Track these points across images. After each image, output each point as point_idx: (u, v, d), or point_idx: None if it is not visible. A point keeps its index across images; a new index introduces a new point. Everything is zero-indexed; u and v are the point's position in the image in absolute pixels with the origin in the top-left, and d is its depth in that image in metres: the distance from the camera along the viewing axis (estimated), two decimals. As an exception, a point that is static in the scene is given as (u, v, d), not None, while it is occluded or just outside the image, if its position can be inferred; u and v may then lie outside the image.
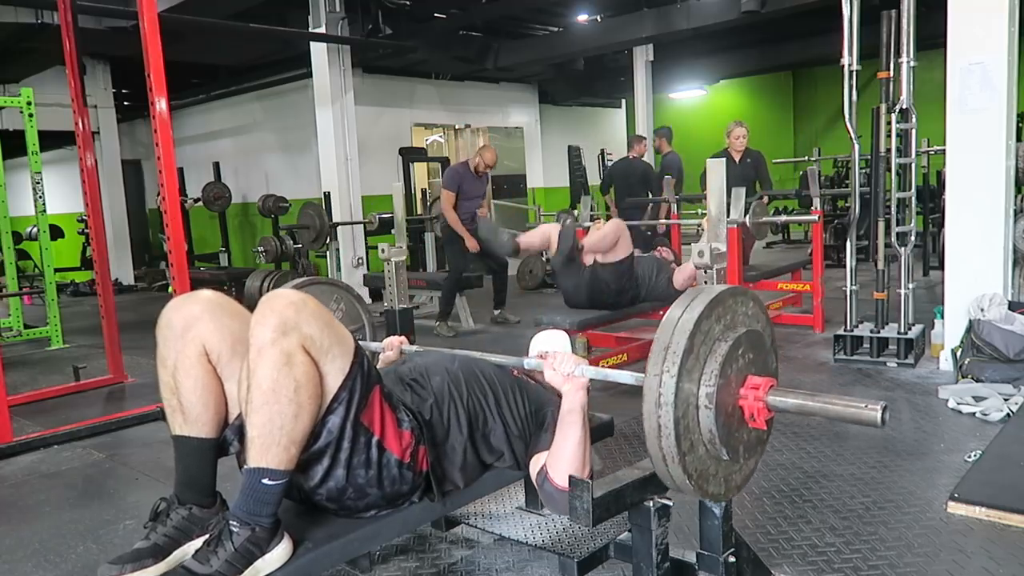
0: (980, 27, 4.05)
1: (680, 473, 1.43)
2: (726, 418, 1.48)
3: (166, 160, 3.90)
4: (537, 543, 1.99)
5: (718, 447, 1.48)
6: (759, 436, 1.60)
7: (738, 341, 1.49)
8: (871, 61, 4.51)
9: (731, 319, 1.52)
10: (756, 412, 1.51)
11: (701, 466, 1.48)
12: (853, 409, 1.42)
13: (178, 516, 1.58)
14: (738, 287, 1.58)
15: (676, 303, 1.48)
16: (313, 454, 1.55)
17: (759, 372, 1.55)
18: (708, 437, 1.46)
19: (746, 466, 1.62)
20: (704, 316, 1.44)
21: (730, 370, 1.48)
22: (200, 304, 1.62)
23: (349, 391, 1.55)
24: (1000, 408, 3.49)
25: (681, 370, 1.39)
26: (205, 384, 1.59)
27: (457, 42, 9.79)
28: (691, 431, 1.44)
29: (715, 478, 1.53)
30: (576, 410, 1.72)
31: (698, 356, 1.43)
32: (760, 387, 1.51)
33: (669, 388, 1.39)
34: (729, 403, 1.49)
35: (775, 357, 1.65)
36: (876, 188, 4.55)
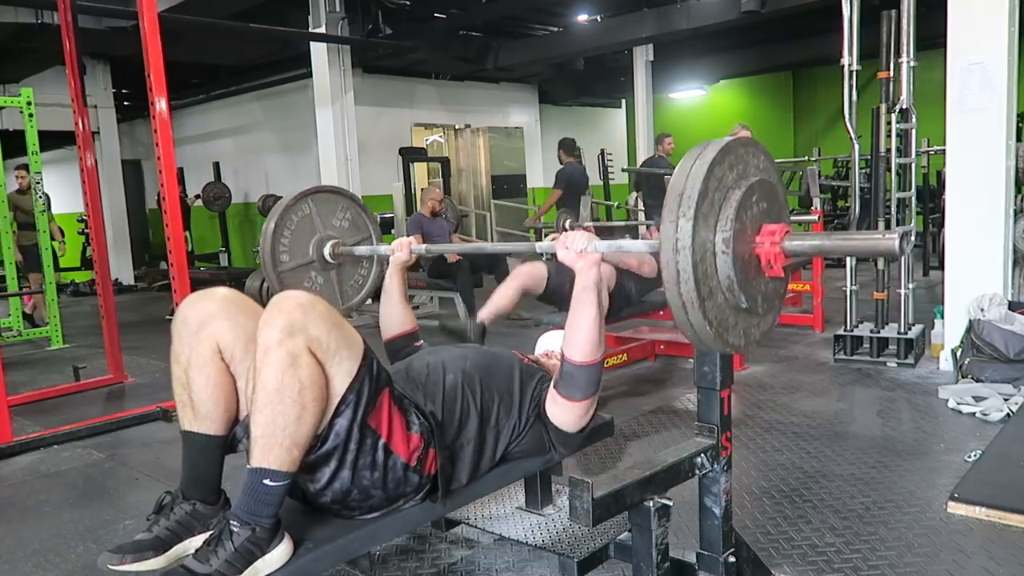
0: (980, 27, 4.05)
1: (700, 319, 1.40)
2: (743, 264, 1.45)
3: (166, 160, 3.90)
4: (537, 543, 1.99)
5: (737, 294, 1.45)
6: (776, 287, 1.58)
7: (751, 188, 1.47)
8: (871, 61, 4.52)
9: (743, 168, 1.50)
10: (773, 258, 1.49)
11: (720, 315, 1.45)
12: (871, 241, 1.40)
13: (182, 511, 1.58)
14: (750, 139, 1.55)
15: (687, 155, 1.46)
16: (320, 456, 1.55)
17: (773, 221, 1.53)
18: (727, 283, 1.44)
19: (764, 320, 1.59)
20: (717, 162, 1.41)
21: (745, 216, 1.45)
22: (216, 302, 1.62)
23: (356, 394, 1.55)
24: (1000, 408, 3.49)
25: (697, 214, 1.37)
26: (217, 382, 1.59)
27: (457, 42, 9.79)
28: (709, 277, 1.42)
29: (735, 328, 1.50)
30: (590, 287, 1.73)
31: (712, 202, 1.41)
32: (776, 232, 1.49)
33: (686, 232, 1.36)
34: (746, 250, 1.46)
35: (787, 210, 1.63)
36: (876, 188, 4.55)
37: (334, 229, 2.50)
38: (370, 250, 2.48)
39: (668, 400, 4.07)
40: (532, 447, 1.92)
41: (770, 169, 1.58)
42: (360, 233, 2.57)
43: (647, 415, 3.83)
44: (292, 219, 2.40)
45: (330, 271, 2.50)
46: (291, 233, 2.40)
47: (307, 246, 2.44)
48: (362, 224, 2.59)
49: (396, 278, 2.28)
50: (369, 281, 2.62)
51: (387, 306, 2.28)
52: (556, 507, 2.17)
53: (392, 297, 2.27)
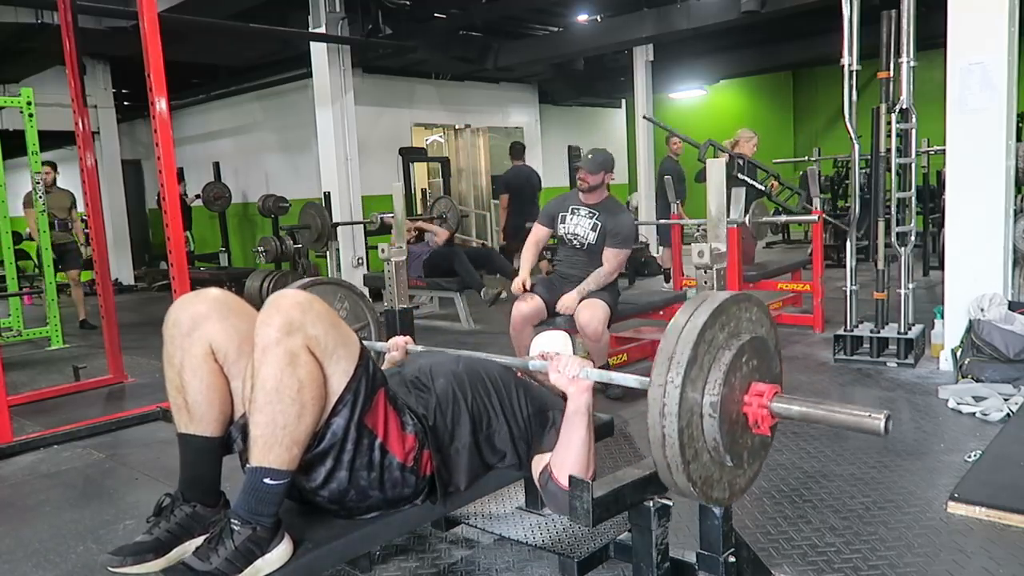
0: (980, 27, 4.05)
1: (684, 481, 1.44)
2: (730, 425, 1.48)
3: (166, 160, 3.89)
4: (537, 543, 1.99)
5: (722, 454, 1.48)
6: (763, 441, 1.61)
7: (742, 349, 1.49)
8: (871, 61, 4.52)
9: (735, 326, 1.52)
10: (760, 419, 1.51)
11: (705, 472, 1.48)
12: (856, 417, 1.43)
13: (181, 513, 1.58)
14: (741, 293, 1.58)
15: (680, 311, 1.48)
16: (316, 455, 1.55)
17: (763, 378, 1.55)
18: (712, 445, 1.47)
19: (750, 470, 1.62)
20: (708, 325, 1.44)
21: (734, 378, 1.48)
22: (207, 303, 1.62)
23: (354, 393, 1.55)
24: (1000, 408, 3.49)
25: (685, 380, 1.40)
26: (211, 383, 1.59)
27: (457, 42, 9.79)
28: (695, 439, 1.44)
29: (719, 483, 1.53)
30: (581, 411, 1.72)
31: (702, 365, 1.44)
32: (764, 394, 1.51)
33: (673, 398, 1.39)
34: (733, 411, 1.49)
35: (779, 361, 1.65)
36: (876, 188, 4.55)
37: None
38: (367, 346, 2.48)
39: (668, 400, 4.06)
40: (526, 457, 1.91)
41: (763, 321, 1.60)
42: (358, 321, 2.58)
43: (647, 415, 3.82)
44: None
45: None
46: None
47: None
48: (360, 313, 2.60)
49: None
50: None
51: None
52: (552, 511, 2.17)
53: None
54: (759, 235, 5.88)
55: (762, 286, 5.88)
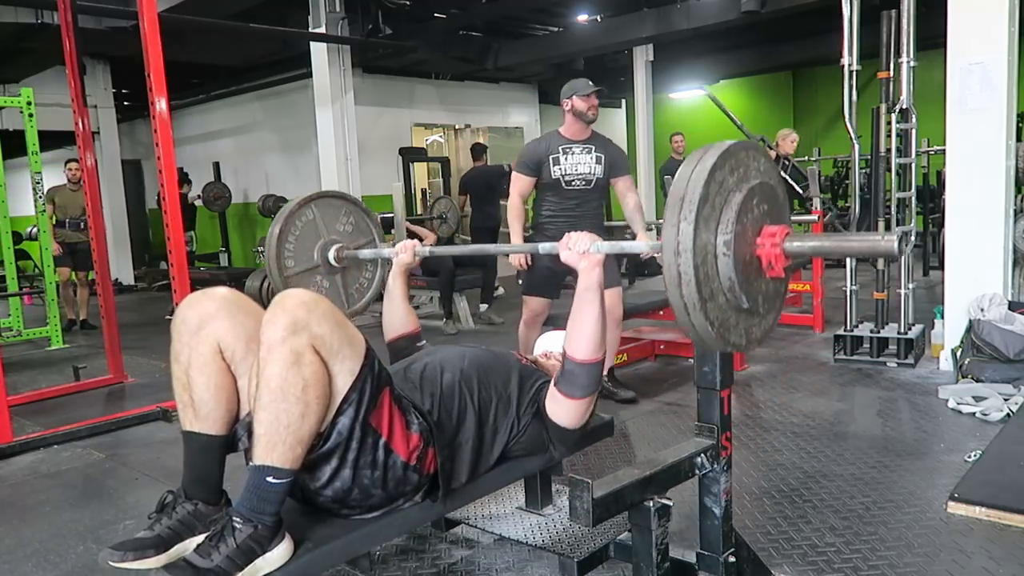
0: (980, 27, 4.05)
1: (702, 320, 1.41)
2: (744, 266, 1.47)
3: (166, 160, 3.90)
4: (537, 543, 1.99)
5: (738, 295, 1.46)
6: (777, 287, 1.60)
7: (752, 191, 1.49)
8: (871, 61, 4.52)
9: (744, 172, 1.51)
10: (774, 259, 1.51)
11: (722, 315, 1.47)
12: (868, 243, 1.42)
13: (183, 510, 1.58)
14: (749, 141, 1.57)
15: (687, 159, 1.48)
16: (322, 455, 1.55)
17: (774, 222, 1.55)
18: (728, 285, 1.45)
19: (765, 319, 1.60)
20: (718, 167, 1.43)
21: (746, 219, 1.47)
22: (215, 301, 1.62)
23: (359, 392, 1.55)
24: (1000, 408, 3.49)
25: (698, 218, 1.38)
26: (218, 382, 1.59)
27: (457, 42, 9.79)
28: (711, 278, 1.43)
29: (736, 328, 1.51)
30: (593, 287, 1.75)
31: (713, 205, 1.43)
32: (776, 234, 1.51)
33: (687, 235, 1.38)
34: (747, 251, 1.48)
35: (788, 212, 1.64)
36: (876, 188, 4.55)
37: (338, 233, 2.51)
38: (374, 253, 2.50)
39: (668, 400, 4.07)
40: (531, 445, 1.92)
41: (771, 171, 1.59)
42: (363, 237, 2.58)
43: (647, 415, 3.83)
44: (296, 224, 2.41)
45: (335, 275, 2.51)
46: (295, 238, 2.41)
47: (312, 251, 2.45)
48: (365, 228, 2.60)
49: (399, 280, 2.29)
50: (373, 284, 2.64)
51: (390, 307, 2.29)
52: (556, 507, 2.17)
53: (395, 299, 2.29)
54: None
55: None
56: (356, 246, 2.53)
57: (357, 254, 2.48)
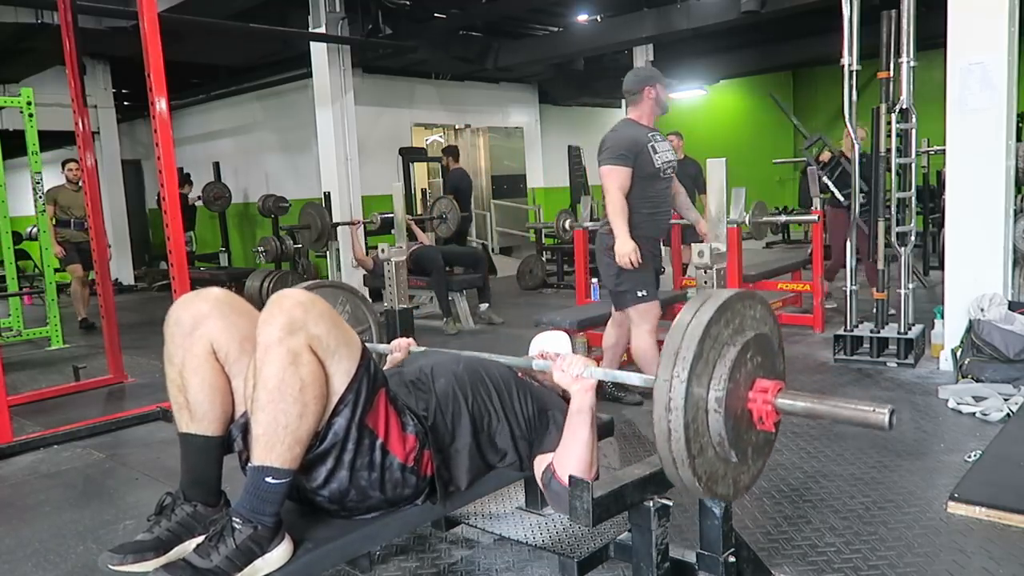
0: (980, 27, 4.05)
1: (690, 476, 1.44)
2: (735, 421, 1.49)
3: (166, 160, 3.89)
4: (537, 543, 1.99)
5: (727, 450, 1.49)
6: (767, 438, 1.61)
7: (746, 345, 1.50)
8: (871, 61, 4.51)
9: (739, 323, 1.53)
10: (765, 415, 1.52)
11: (711, 468, 1.49)
12: (861, 413, 1.43)
13: (183, 512, 1.58)
14: (745, 291, 1.59)
15: (685, 308, 1.49)
16: (318, 455, 1.55)
17: (767, 375, 1.56)
18: (717, 440, 1.47)
19: (754, 467, 1.62)
20: (713, 321, 1.45)
21: (739, 374, 1.49)
22: (209, 302, 1.62)
23: (355, 393, 1.55)
24: (1000, 408, 3.49)
25: (691, 375, 1.40)
26: (212, 383, 1.59)
27: (457, 42, 9.79)
28: (701, 435, 1.45)
29: (724, 479, 1.54)
30: (585, 411, 1.73)
31: (707, 361, 1.45)
32: (769, 390, 1.52)
33: (679, 393, 1.40)
34: (738, 406, 1.50)
35: (782, 359, 1.66)
36: (876, 188, 4.55)
37: None
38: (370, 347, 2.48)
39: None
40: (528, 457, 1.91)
41: (767, 319, 1.61)
42: (360, 324, 2.58)
43: (647, 415, 3.82)
44: None
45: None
46: None
47: None
48: (361, 316, 2.61)
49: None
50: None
51: None
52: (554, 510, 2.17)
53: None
54: (759, 235, 5.87)
55: (762, 286, 5.88)
56: None
57: None
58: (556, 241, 8.98)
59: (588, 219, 6.39)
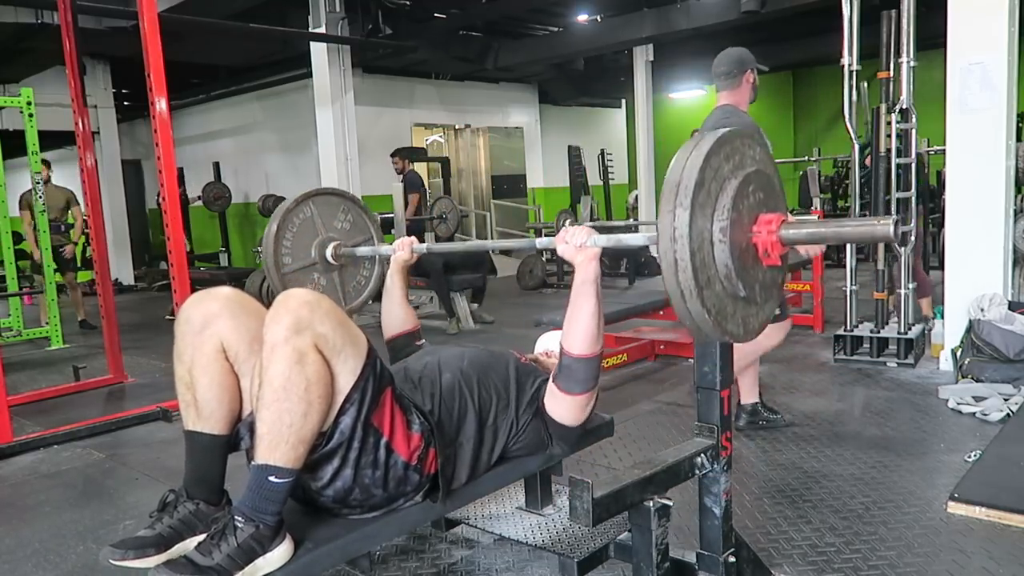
0: (980, 27, 4.05)
1: (699, 308, 1.41)
2: (741, 253, 1.46)
3: (166, 160, 3.90)
4: (537, 543, 1.99)
5: (735, 282, 1.46)
6: (774, 276, 1.60)
7: (748, 178, 1.48)
8: (871, 61, 4.52)
9: (739, 159, 1.51)
10: (770, 247, 1.50)
11: (719, 303, 1.46)
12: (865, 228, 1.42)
13: (185, 510, 1.58)
14: (746, 131, 1.56)
15: (684, 145, 1.47)
16: (324, 454, 1.55)
17: (770, 211, 1.54)
18: (724, 272, 1.45)
19: (763, 309, 1.60)
20: (713, 152, 1.43)
21: (742, 206, 1.46)
22: (219, 301, 1.62)
23: (361, 392, 1.55)
24: (1000, 408, 3.49)
25: (694, 203, 1.38)
26: (221, 381, 1.59)
27: (457, 42, 9.79)
28: (707, 266, 1.42)
29: (733, 317, 1.50)
30: (589, 280, 1.74)
31: (709, 192, 1.42)
32: (772, 222, 1.51)
33: (683, 221, 1.37)
34: (743, 239, 1.47)
35: (784, 200, 1.64)
36: (876, 188, 4.55)
37: (335, 231, 2.51)
38: (372, 250, 2.49)
39: (668, 400, 4.07)
40: (531, 444, 1.92)
41: (766, 160, 1.59)
42: (361, 234, 2.57)
43: (647, 415, 3.82)
44: (294, 222, 2.41)
45: (332, 272, 2.50)
46: (293, 236, 2.40)
47: (309, 248, 2.44)
48: (363, 225, 2.59)
49: (397, 277, 2.29)
50: (371, 282, 2.62)
51: (388, 305, 2.29)
52: (556, 507, 2.17)
53: (393, 297, 2.29)
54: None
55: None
56: (353, 244, 2.52)
57: (354, 251, 2.47)
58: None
59: (588, 219, 6.39)
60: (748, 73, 3.39)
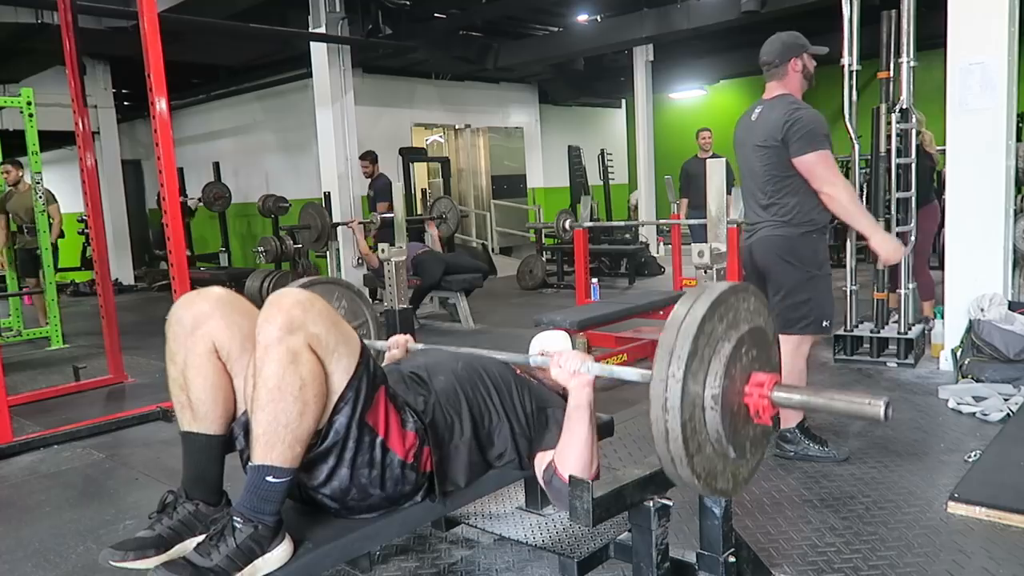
0: (980, 27, 4.05)
1: (689, 474, 1.44)
2: (732, 417, 1.48)
3: (166, 160, 3.90)
4: (537, 543, 1.99)
5: (725, 446, 1.48)
6: (764, 431, 1.61)
7: (741, 339, 1.49)
8: (871, 61, 4.51)
9: (733, 317, 1.52)
10: (762, 409, 1.51)
11: (709, 465, 1.48)
12: (856, 405, 1.43)
13: (184, 510, 1.58)
14: (738, 284, 1.58)
15: (679, 304, 1.48)
16: (319, 454, 1.55)
17: (763, 368, 1.55)
18: (715, 437, 1.47)
19: (752, 460, 1.62)
20: (707, 317, 1.44)
21: (734, 369, 1.48)
22: (210, 301, 1.62)
23: (355, 391, 1.55)
24: (1000, 408, 3.49)
25: (686, 374, 1.40)
26: (214, 382, 1.59)
27: (457, 42, 9.80)
28: (698, 432, 1.44)
29: (723, 475, 1.53)
30: (583, 406, 1.73)
31: (702, 358, 1.44)
32: (764, 384, 1.51)
33: (675, 392, 1.39)
34: (735, 402, 1.49)
35: (778, 351, 1.65)
36: (876, 188, 4.55)
37: None
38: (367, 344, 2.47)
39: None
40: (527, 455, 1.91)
41: (760, 311, 1.60)
42: (356, 319, 2.57)
43: (647, 415, 3.81)
44: None
45: None
46: None
47: None
48: (359, 311, 2.59)
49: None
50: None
51: None
52: (556, 507, 2.17)
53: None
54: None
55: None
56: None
57: None
58: (556, 241, 8.98)
59: (588, 219, 6.39)
60: (795, 61, 3.06)
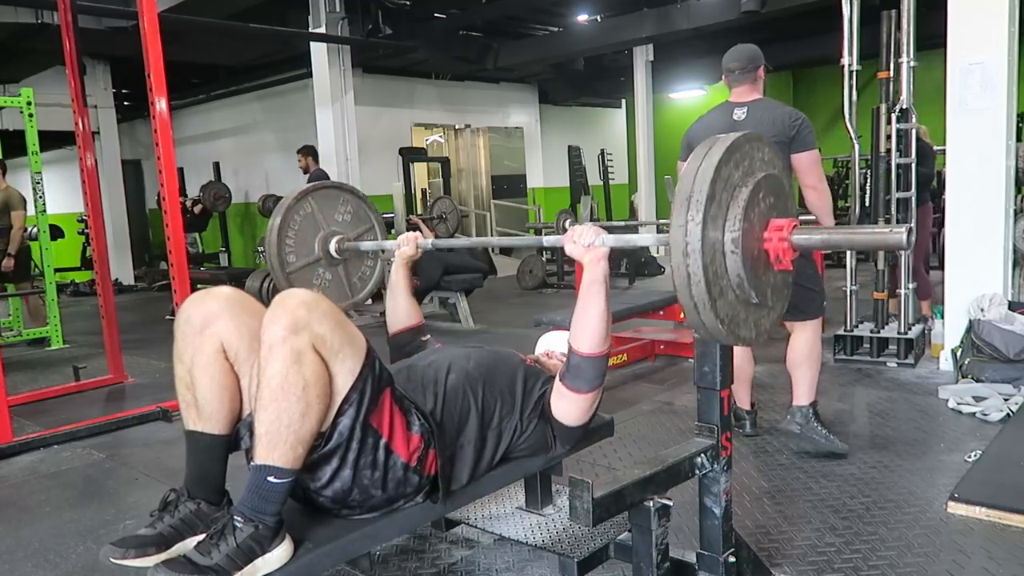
0: (980, 27, 4.05)
1: (712, 319, 1.42)
2: (752, 262, 1.48)
3: (166, 160, 3.90)
4: (537, 543, 1.99)
5: (747, 291, 1.47)
6: (784, 278, 1.61)
7: (758, 185, 1.49)
8: (871, 61, 4.51)
9: (749, 165, 1.51)
10: (781, 253, 1.51)
11: (731, 311, 1.47)
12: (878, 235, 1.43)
13: (186, 509, 1.58)
14: (752, 133, 1.56)
15: (695, 153, 1.48)
16: (323, 455, 1.55)
17: (780, 214, 1.55)
18: (737, 281, 1.46)
19: (774, 310, 1.61)
20: (723, 162, 1.43)
21: (753, 214, 1.47)
22: (219, 301, 1.62)
23: (360, 392, 1.55)
24: (1000, 408, 3.49)
25: (705, 217, 1.39)
26: (221, 381, 1.59)
27: (457, 42, 9.80)
28: (720, 277, 1.44)
29: (745, 323, 1.52)
30: (598, 280, 1.75)
31: (720, 202, 1.43)
32: (783, 228, 1.51)
33: (695, 236, 1.38)
34: (754, 247, 1.49)
35: (794, 200, 1.65)
36: (876, 188, 4.55)
37: (337, 224, 2.50)
38: (376, 245, 2.49)
39: (668, 400, 4.07)
40: (534, 446, 1.93)
41: (775, 161, 1.59)
42: (363, 224, 2.57)
43: (647, 415, 3.82)
44: (295, 219, 2.40)
45: (337, 266, 2.50)
46: (295, 233, 2.40)
47: (312, 244, 2.44)
48: (364, 215, 2.59)
49: (401, 272, 2.29)
50: (375, 272, 2.63)
51: (393, 300, 2.29)
52: (556, 507, 2.17)
53: (397, 292, 2.29)
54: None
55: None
56: (356, 236, 2.51)
57: (358, 246, 2.47)
58: (556, 241, 8.96)
59: (588, 219, 6.39)
60: (760, 69, 3.41)
